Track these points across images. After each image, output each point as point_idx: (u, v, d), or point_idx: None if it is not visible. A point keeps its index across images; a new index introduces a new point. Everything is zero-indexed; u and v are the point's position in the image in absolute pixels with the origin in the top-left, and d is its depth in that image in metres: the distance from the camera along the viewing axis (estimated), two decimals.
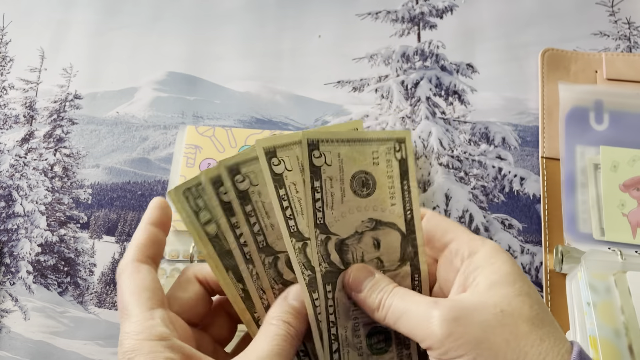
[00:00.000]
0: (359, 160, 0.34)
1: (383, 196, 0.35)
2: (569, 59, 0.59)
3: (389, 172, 0.35)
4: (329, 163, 0.34)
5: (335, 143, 0.34)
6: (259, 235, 0.34)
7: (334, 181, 0.34)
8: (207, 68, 0.62)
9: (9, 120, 0.60)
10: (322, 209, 0.34)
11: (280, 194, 0.33)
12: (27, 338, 0.50)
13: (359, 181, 0.34)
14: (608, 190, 0.51)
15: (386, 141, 0.34)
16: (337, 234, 0.34)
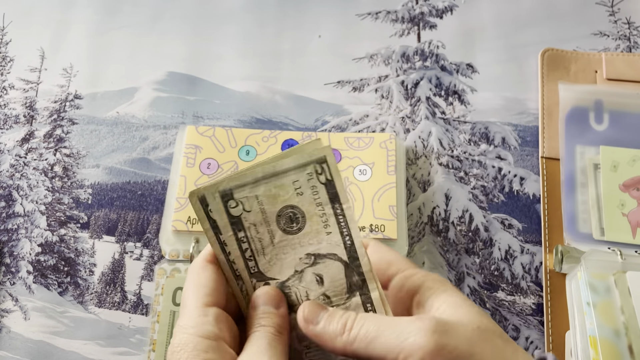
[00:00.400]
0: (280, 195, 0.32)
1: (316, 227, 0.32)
2: (568, 59, 0.59)
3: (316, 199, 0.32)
4: (248, 209, 0.32)
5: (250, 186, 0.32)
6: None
7: (258, 226, 0.32)
8: (207, 68, 0.62)
9: (9, 120, 0.60)
10: (253, 257, 0.33)
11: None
12: (27, 338, 0.50)
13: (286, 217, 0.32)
14: (608, 190, 0.51)
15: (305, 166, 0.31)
16: (275, 277, 0.33)
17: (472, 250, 0.53)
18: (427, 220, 0.54)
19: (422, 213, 0.54)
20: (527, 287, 0.51)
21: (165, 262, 0.51)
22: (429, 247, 0.53)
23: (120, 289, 0.52)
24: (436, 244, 0.53)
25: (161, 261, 0.51)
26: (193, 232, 0.50)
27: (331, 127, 0.59)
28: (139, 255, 0.53)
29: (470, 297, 0.51)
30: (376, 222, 0.50)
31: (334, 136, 0.55)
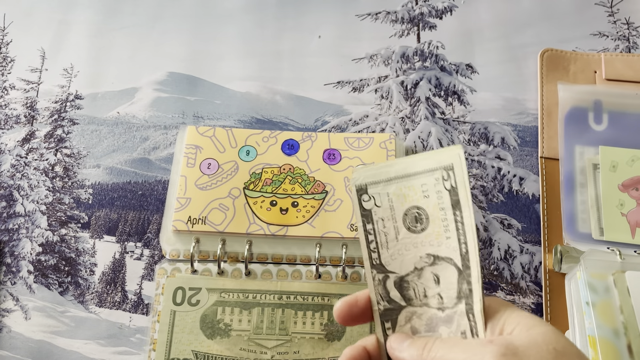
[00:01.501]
0: (409, 196, 0.34)
1: (437, 230, 0.34)
2: (568, 59, 0.59)
3: (440, 204, 0.33)
4: (379, 204, 0.34)
5: (383, 184, 0.34)
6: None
7: (386, 221, 0.34)
8: (208, 68, 0.62)
9: (9, 121, 0.60)
10: (377, 250, 0.35)
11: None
12: (27, 337, 0.50)
13: (412, 217, 0.34)
14: (607, 190, 0.51)
15: (433, 171, 0.33)
16: (395, 271, 0.35)
17: None
18: None
19: None
20: (527, 286, 0.51)
21: (166, 261, 0.51)
22: None
23: (121, 289, 0.52)
24: None
25: (162, 261, 0.52)
26: (193, 232, 0.51)
27: (331, 127, 0.59)
28: (139, 255, 0.53)
29: None
30: None
31: (334, 136, 0.55)
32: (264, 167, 0.54)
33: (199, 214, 0.51)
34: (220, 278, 0.50)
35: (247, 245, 0.50)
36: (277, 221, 0.51)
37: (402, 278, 0.35)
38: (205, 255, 0.51)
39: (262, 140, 0.55)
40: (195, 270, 0.50)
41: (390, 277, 0.35)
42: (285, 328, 0.48)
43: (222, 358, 0.47)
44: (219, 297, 0.48)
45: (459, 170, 0.32)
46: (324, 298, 0.49)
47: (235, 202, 0.52)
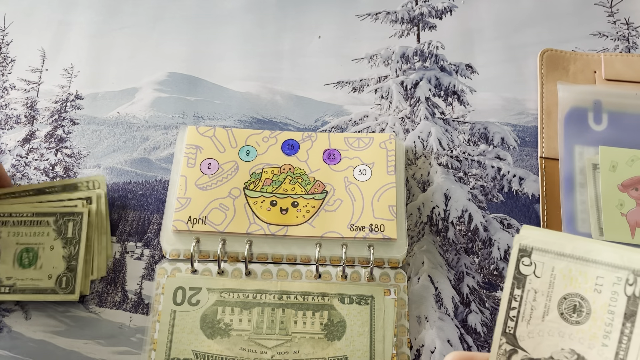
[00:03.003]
0: (576, 281, 0.30)
1: (595, 331, 0.30)
2: (567, 59, 0.59)
3: (611, 306, 0.29)
4: (539, 275, 0.31)
5: (552, 255, 0.30)
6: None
7: (538, 295, 0.31)
8: (208, 68, 0.62)
9: (10, 121, 0.60)
10: (516, 319, 0.31)
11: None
12: (28, 337, 0.50)
13: (571, 305, 0.31)
14: (607, 190, 0.51)
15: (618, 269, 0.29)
16: (527, 350, 0.31)
17: (472, 249, 0.53)
18: (427, 220, 0.54)
19: (422, 213, 0.54)
20: None
21: (166, 261, 0.51)
22: (429, 247, 0.53)
23: (121, 289, 0.52)
24: (435, 243, 0.53)
25: (162, 261, 0.52)
26: (193, 232, 0.51)
27: (331, 128, 0.59)
28: (139, 254, 0.54)
29: (470, 297, 0.51)
30: (376, 222, 0.51)
31: (334, 136, 0.55)
32: (264, 167, 0.54)
33: (199, 214, 0.51)
34: (221, 278, 0.50)
35: (247, 245, 0.50)
36: (277, 221, 0.51)
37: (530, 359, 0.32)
38: (206, 255, 0.51)
39: (262, 140, 0.55)
40: (195, 270, 0.50)
41: (519, 353, 0.32)
42: (285, 328, 0.48)
43: (222, 358, 0.47)
44: (219, 297, 0.49)
45: None
46: (324, 298, 0.49)
47: (235, 202, 0.52)
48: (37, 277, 0.49)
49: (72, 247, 0.50)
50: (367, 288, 0.49)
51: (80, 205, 0.52)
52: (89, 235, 0.51)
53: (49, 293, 0.49)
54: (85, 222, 0.51)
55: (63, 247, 0.50)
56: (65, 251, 0.50)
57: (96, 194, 0.53)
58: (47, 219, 0.51)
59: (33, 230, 0.51)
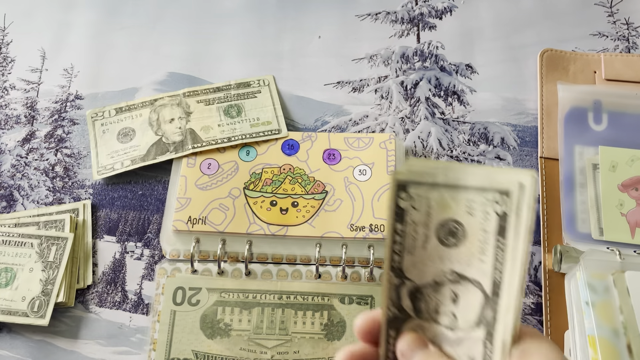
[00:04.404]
0: (450, 207, 0.31)
1: (472, 250, 0.31)
2: (567, 59, 0.59)
3: (484, 225, 0.31)
4: (416, 207, 0.32)
5: (426, 187, 0.31)
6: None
7: (418, 226, 0.32)
8: (208, 68, 0.62)
9: (10, 121, 0.60)
10: (401, 253, 0.32)
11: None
12: (28, 337, 0.50)
13: (447, 230, 0.32)
14: (607, 190, 0.51)
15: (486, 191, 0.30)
16: (413, 279, 0.33)
17: None
18: None
19: None
20: (526, 286, 0.51)
21: (166, 261, 0.51)
22: None
23: (121, 289, 0.52)
24: None
25: (162, 261, 0.52)
26: (193, 232, 0.51)
27: (331, 128, 0.59)
28: (139, 255, 0.54)
29: None
30: (376, 222, 0.51)
31: (334, 136, 0.55)
32: (264, 167, 0.54)
33: (199, 214, 0.51)
34: (220, 278, 0.50)
35: (247, 245, 0.50)
36: (277, 221, 0.51)
37: (417, 288, 0.33)
38: (206, 255, 0.51)
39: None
40: (195, 270, 0.50)
41: (406, 284, 0.33)
42: (285, 328, 0.48)
43: (222, 358, 0.47)
44: (219, 297, 0.49)
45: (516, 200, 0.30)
46: (324, 298, 0.49)
47: (235, 202, 0.52)
48: (11, 297, 0.49)
49: (51, 271, 0.50)
50: (367, 288, 0.49)
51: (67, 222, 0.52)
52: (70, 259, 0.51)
53: (20, 315, 0.48)
54: (69, 248, 0.51)
55: (42, 270, 0.50)
56: (44, 274, 0.50)
57: (82, 219, 0.54)
58: (31, 241, 0.51)
59: (16, 251, 0.51)
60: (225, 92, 0.59)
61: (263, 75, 0.61)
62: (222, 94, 0.59)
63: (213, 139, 0.55)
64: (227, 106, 0.58)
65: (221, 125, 0.56)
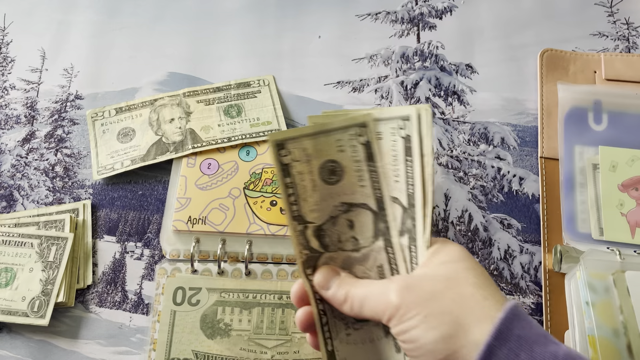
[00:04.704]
0: (324, 150, 0.36)
1: (352, 180, 0.37)
2: (567, 59, 0.59)
3: (355, 157, 0.37)
4: (297, 159, 0.36)
5: (300, 139, 0.36)
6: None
7: (304, 174, 0.37)
8: (208, 68, 0.62)
9: (10, 121, 0.60)
10: (297, 202, 0.37)
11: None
12: (28, 337, 0.50)
13: (327, 170, 0.37)
14: (607, 190, 0.51)
15: (348, 128, 0.36)
16: (313, 222, 0.37)
17: (472, 250, 0.53)
18: None
19: None
20: (527, 286, 0.51)
21: (166, 261, 0.51)
22: None
23: (121, 289, 0.52)
24: None
25: (162, 261, 0.52)
26: (193, 231, 0.51)
27: None
28: (139, 255, 0.54)
29: None
30: None
31: None
32: (264, 167, 0.54)
33: (199, 214, 0.51)
34: (221, 278, 0.50)
35: (247, 245, 0.50)
36: (277, 221, 0.51)
37: (319, 227, 0.38)
38: (206, 255, 0.51)
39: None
40: (195, 270, 0.50)
41: (309, 227, 0.37)
42: (285, 328, 0.48)
43: (222, 358, 0.47)
44: (219, 297, 0.49)
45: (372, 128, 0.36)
46: None
47: (235, 202, 0.52)
48: (11, 297, 0.49)
49: (51, 271, 0.50)
50: None
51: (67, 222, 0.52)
52: (70, 259, 0.51)
53: (20, 315, 0.48)
54: (69, 248, 0.51)
55: (42, 270, 0.50)
56: (44, 274, 0.50)
57: (82, 219, 0.54)
58: (31, 241, 0.51)
59: (16, 251, 0.51)
60: (225, 92, 0.59)
61: (263, 75, 0.61)
62: (222, 94, 0.59)
63: (213, 139, 0.55)
64: (227, 106, 0.58)
65: (221, 125, 0.56)
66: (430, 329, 0.31)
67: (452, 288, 0.33)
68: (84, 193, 0.56)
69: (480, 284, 0.33)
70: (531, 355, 0.30)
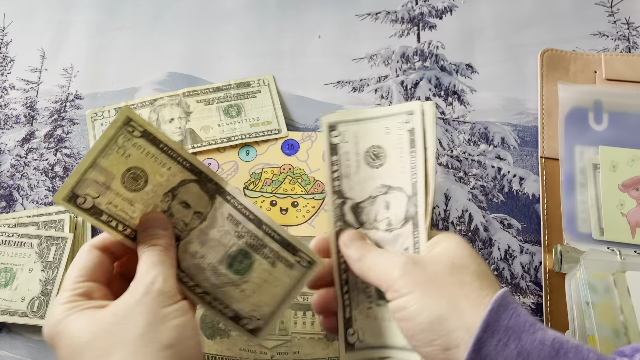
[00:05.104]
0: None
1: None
2: (568, 59, 0.59)
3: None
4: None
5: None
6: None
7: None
8: (208, 68, 0.62)
9: (9, 121, 0.60)
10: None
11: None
12: (27, 337, 0.50)
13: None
14: (607, 190, 0.51)
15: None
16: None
17: None
18: None
19: None
20: (527, 286, 0.51)
21: None
22: None
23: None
24: None
25: None
26: None
27: None
28: None
29: None
30: None
31: None
32: (263, 167, 0.54)
33: None
34: None
35: None
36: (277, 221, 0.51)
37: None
38: None
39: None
40: None
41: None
42: (285, 328, 0.48)
43: (222, 358, 0.47)
44: None
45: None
46: None
47: None
48: (11, 298, 0.49)
49: (51, 271, 0.50)
50: None
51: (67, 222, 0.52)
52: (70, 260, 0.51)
53: (19, 316, 0.48)
54: (68, 248, 0.51)
55: (42, 270, 0.50)
56: (43, 275, 0.50)
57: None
58: (31, 241, 0.51)
59: (15, 251, 0.51)
60: (225, 92, 0.59)
61: (263, 75, 0.61)
62: (222, 93, 0.59)
63: (213, 139, 0.55)
64: (227, 106, 0.58)
65: (221, 125, 0.56)
66: (425, 309, 0.32)
67: (455, 274, 0.34)
68: None
69: (480, 273, 0.34)
70: (520, 344, 0.30)
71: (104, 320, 0.32)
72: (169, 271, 0.35)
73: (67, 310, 0.33)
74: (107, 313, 0.33)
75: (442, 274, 0.34)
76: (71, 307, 0.33)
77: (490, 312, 0.31)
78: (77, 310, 0.33)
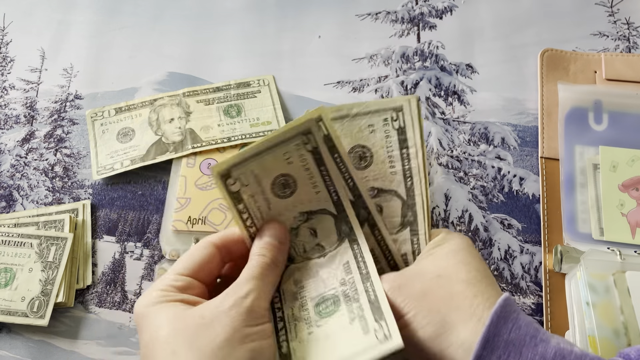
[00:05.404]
0: (272, 167, 0.36)
1: (306, 189, 0.37)
2: (568, 59, 0.59)
3: (304, 165, 0.36)
4: (246, 183, 0.35)
5: (244, 163, 0.35)
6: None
7: (256, 196, 0.36)
8: (208, 68, 0.62)
9: (9, 121, 0.60)
10: (254, 224, 0.36)
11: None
12: (27, 337, 0.50)
13: (279, 185, 0.36)
14: (607, 190, 0.51)
15: (293, 138, 0.35)
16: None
17: None
18: None
19: None
20: (527, 287, 0.51)
21: (166, 261, 0.51)
22: None
23: (121, 289, 0.52)
24: None
25: (161, 261, 0.52)
26: (193, 231, 0.51)
27: None
28: (139, 255, 0.53)
29: None
30: None
31: None
32: None
33: (199, 214, 0.51)
34: None
35: None
36: None
37: None
38: None
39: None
40: None
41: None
42: None
43: None
44: None
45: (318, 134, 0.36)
46: None
47: None
48: (11, 298, 0.49)
49: (51, 272, 0.50)
50: None
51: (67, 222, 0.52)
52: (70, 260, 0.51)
53: (19, 316, 0.48)
54: (68, 248, 0.51)
55: (42, 270, 0.50)
56: (43, 275, 0.50)
57: (81, 219, 0.54)
58: (31, 241, 0.51)
59: (15, 251, 0.51)
60: (225, 92, 0.59)
61: (263, 75, 0.61)
62: (222, 93, 0.59)
63: (213, 139, 0.55)
64: (227, 106, 0.58)
65: (221, 125, 0.56)
66: (420, 329, 0.32)
67: (443, 286, 0.33)
68: (83, 193, 0.56)
69: (471, 279, 0.33)
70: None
71: (189, 320, 0.32)
72: (266, 288, 0.34)
73: (160, 297, 0.33)
74: (195, 313, 0.32)
75: (430, 288, 0.33)
76: (165, 295, 0.33)
77: (489, 326, 0.30)
78: (168, 300, 0.33)
